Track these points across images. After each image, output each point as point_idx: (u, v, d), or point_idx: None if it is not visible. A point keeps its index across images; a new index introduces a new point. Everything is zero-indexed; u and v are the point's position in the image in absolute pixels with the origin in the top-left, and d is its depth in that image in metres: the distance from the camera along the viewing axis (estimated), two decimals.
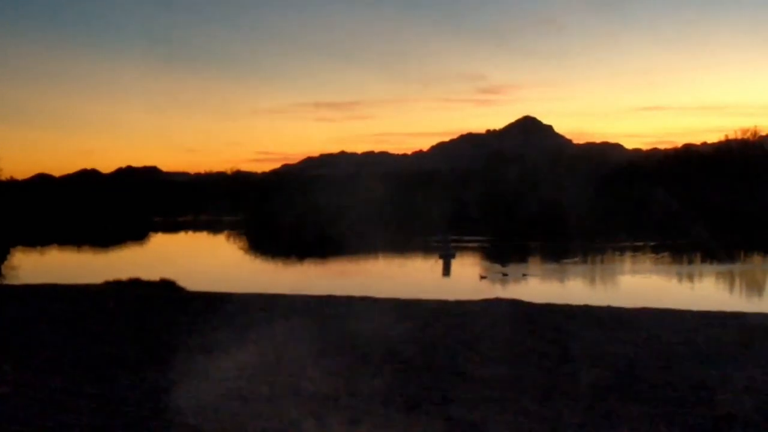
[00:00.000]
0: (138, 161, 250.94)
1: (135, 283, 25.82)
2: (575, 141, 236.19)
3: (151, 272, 28.21)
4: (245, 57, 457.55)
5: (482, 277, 35.07)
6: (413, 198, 69.73)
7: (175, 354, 13.34)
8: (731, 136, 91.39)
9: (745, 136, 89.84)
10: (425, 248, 50.22)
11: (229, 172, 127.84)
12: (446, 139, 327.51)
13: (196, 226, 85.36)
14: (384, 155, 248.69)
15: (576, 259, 45.16)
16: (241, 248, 58.55)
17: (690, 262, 44.64)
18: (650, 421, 9.49)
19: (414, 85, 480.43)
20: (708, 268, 40.77)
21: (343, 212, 58.11)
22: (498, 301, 21.86)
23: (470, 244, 53.61)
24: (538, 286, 32.62)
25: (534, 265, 43.80)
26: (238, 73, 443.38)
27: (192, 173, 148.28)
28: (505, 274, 35.97)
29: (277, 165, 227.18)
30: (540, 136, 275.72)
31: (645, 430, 9.15)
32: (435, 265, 41.51)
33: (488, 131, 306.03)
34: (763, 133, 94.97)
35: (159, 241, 69.03)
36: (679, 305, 21.59)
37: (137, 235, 71.12)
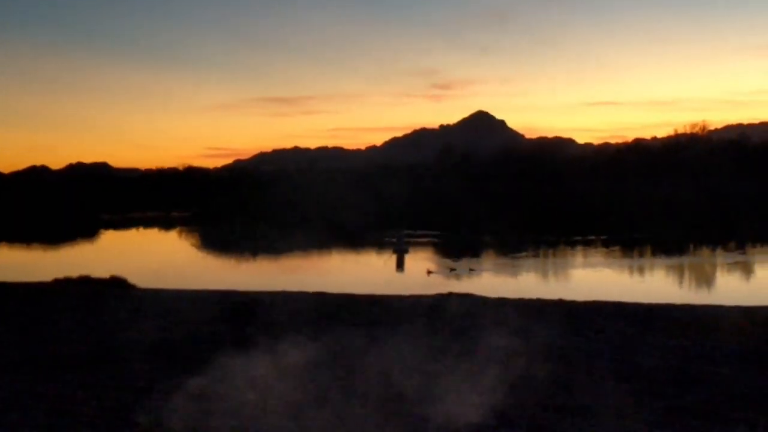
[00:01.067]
0: (88, 157, 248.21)
1: (85, 281, 25.52)
2: (528, 136, 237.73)
3: (101, 270, 27.91)
4: (197, 52, 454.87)
5: (429, 272, 35.17)
6: (367, 193, 69.73)
7: (127, 352, 13.22)
8: (680, 131, 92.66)
9: (694, 131, 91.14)
10: (379, 243, 50.20)
11: (180, 167, 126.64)
12: (400, 134, 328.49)
13: (147, 223, 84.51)
14: (337, 150, 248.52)
15: (527, 254, 45.42)
16: (192, 244, 58.13)
17: (640, 255, 45.10)
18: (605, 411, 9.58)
19: (367, 81, 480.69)
20: (656, 261, 41.22)
21: (296, 208, 57.99)
22: (451, 296, 21.93)
23: (424, 239, 53.70)
24: (486, 281, 32.80)
25: (487, 259, 43.98)
26: (190, 68, 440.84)
27: (143, 169, 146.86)
28: (453, 269, 36.12)
29: (229, 160, 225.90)
30: (493, 131, 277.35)
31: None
32: (388, 260, 41.53)
33: (441, 126, 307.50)
34: (711, 128, 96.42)
35: (110, 237, 68.27)
36: (628, 298, 21.85)
37: (87, 232, 70.29)
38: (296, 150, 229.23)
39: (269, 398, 10.05)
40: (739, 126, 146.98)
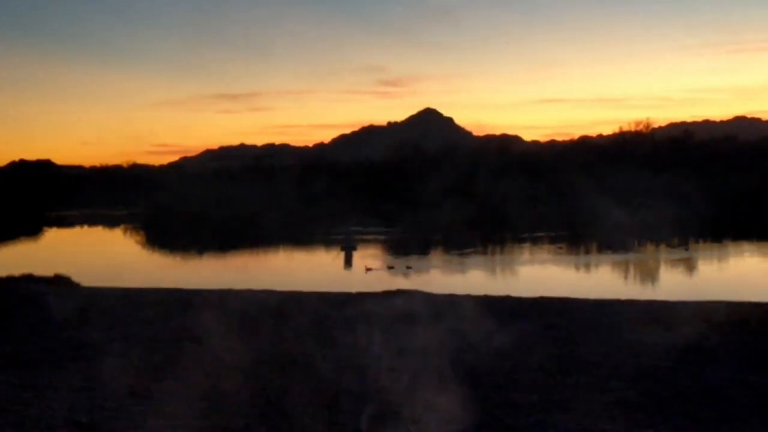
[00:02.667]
0: (31, 154, 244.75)
1: (28, 279, 25.11)
2: (475, 133, 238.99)
3: (45, 268, 27.49)
4: (142, 48, 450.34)
5: (368, 269, 35.27)
6: (315, 190, 69.52)
7: (70, 352, 13.04)
8: (625, 128, 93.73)
9: (639, 128, 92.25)
10: (327, 241, 50.12)
11: (125, 165, 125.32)
12: (348, 131, 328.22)
13: (92, 220, 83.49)
14: (285, 147, 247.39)
15: (474, 250, 45.65)
16: (138, 242, 57.55)
17: (586, 252, 45.56)
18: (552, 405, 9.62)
19: (315, 77, 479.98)
20: (602, 258, 41.66)
21: (243, 205, 57.66)
22: (401, 293, 21.93)
23: (373, 236, 53.71)
24: (434, 278, 32.96)
25: (434, 256, 44.15)
26: (135, 64, 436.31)
27: (88, 166, 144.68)
28: (391, 267, 36.26)
29: (175, 158, 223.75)
30: (440, 128, 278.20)
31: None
32: (336, 257, 41.49)
33: (389, 123, 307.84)
34: (656, 126, 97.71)
35: (54, 235, 67.33)
36: (575, 294, 22.02)
37: (31, 230, 69.24)
38: (243, 147, 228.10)
39: (204, 395, 9.98)
40: (683, 124, 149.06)
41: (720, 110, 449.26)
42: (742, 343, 13.98)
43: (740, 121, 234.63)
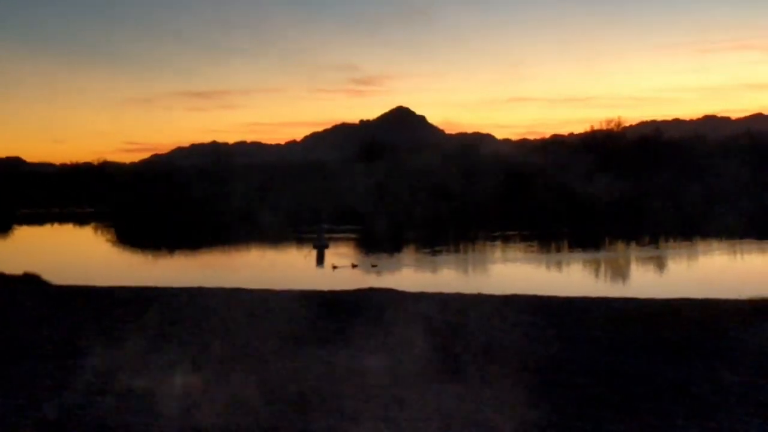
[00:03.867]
0: (1, 152, 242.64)
1: None
2: (447, 131, 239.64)
3: (14, 266, 27.28)
4: (113, 46, 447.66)
5: (335, 267, 35.35)
6: (287, 188, 69.35)
7: (39, 349, 12.97)
8: (596, 127, 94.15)
9: (610, 127, 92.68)
10: (299, 239, 50.02)
11: (96, 162, 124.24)
12: (320, 129, 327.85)
13: (62, 218, 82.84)
14: (256, 145, 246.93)
15: (446, 249, 45.76)
16: (109, 240, 57.17)
17: (557, 250, 45.76)
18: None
19: (286, 75, 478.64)
20: (573, 256, 41.86)
21: (214, 203, 57.49)
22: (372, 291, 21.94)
23: (344, 235, 53.67)
24: (406, 276, 33.04)
25: (407, 254, 44.19)
26: (106, 62, 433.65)
27: (58, 164, 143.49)
28: (354, 265, 36.28)
29: (146, 155, 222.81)
30: (413, 126, 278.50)
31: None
32: (308, 255, 41.42)
33: (362, 122, 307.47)
34: (626, 124, 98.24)
35: (24, 234, 66.75)
36: (547, 292, 22.12)
37: (1, 227, 68.64)
38: (214, 145, 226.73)
39: (171, 391, 9.97)
40: (653, 122, 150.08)
41: (690, 109, 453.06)
42: (707, 340, 14.11)
43: (710, 120, 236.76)
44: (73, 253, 48.57)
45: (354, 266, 35.98)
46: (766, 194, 64.04)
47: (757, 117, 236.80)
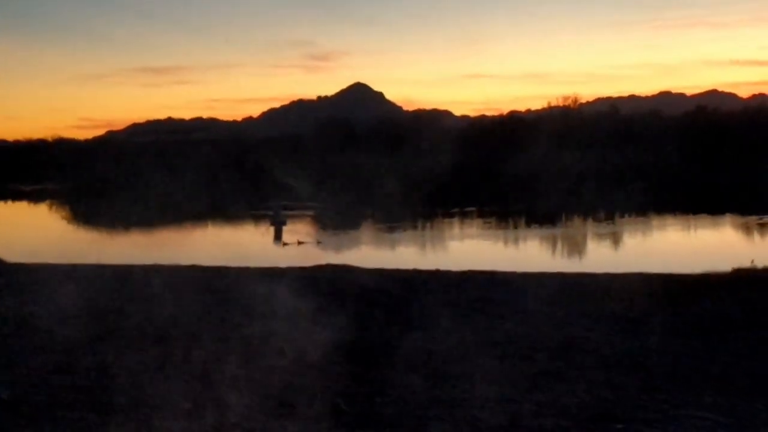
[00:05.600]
0: None
1: None
2: (405, 108, 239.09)
3: None
4: (67, 20, 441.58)
5: (285, 244, 35.44)
6: (245, 165, 68.98)
7: None
8: (553, 104, 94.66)
9: (566, 104, 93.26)
10: (257, 216, 49.81)
11: (50, 139, 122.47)
12: (277, 105, 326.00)
13: (16, 196, 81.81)
14: (213, 122, 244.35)
15: (403, 225, 45.82)
16: (63, 218, 56.58)
17: (514, 226, 46.01)
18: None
19: (243, 51, 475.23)
20: (530, 232, 42.14)
21: (172, 180, 57.01)
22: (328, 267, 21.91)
23: (303, 212, 53.51)
24: (363, 252, 33.09)
25: (365, 231, 44.24)
26: (60, 36, 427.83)
27: (11, 141, 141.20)
28: (300, 242, 36.26)
29: (101, 132, 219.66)
30: (371, 103, 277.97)
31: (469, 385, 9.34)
32: (266, 232, 41.30)
33: (319, 98, 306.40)
34: (583, 101, 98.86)
35: None
36: (504, 267, 22.22)
37: None
38: (170, 121, 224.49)
39: (128, 368, 9.89)
40: (609, 99, 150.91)
41: (645, 86, 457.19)
42: (663, 314, 14.26)
43: (665, 97, 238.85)
44: (28, 231, 47.99)
45: (300, 243, 35.91)
46: (721, 170, 64.76)
47: (712, 93, 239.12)
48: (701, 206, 49.34)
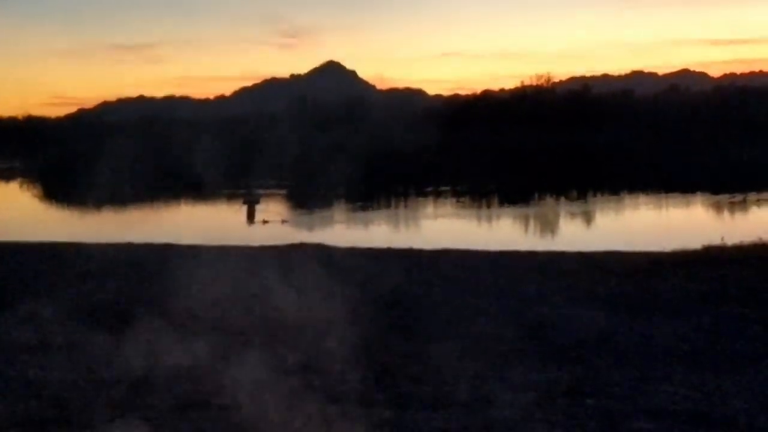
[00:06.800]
0: None
1: None
2: (378, 86, 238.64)
3: None
4: None
5: (250, 224, 35.56)
6: (217, 144, 68.51)
7: None
8: (527, 83, 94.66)
9: (539, 83, 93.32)
10: (229, 195, 49.62)
11: (20, 117, 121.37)
12: (249, 83, 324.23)
13: None
14: (185, 100, 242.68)
15: (376, 204, 45.83)
16: (33, 196, 56.15)
17: (487, 205, 46.10)
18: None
19: (214, 28, 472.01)
20: (503, 211, 42.27)
21: (143, 159, 56.58)
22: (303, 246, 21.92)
23: (275, 191, 53.37)
24: (337, 232, 33.11)
25: (339, 210, 44.21)
26: (30, 13, 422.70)
27: None
28: (265, 221, 36.20)
29: (72, 110, 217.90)
30: (344, 81, 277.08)
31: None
32: (239, 211, 41.18)
33: (292, 76, 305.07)
34: (556, 80, 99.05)
35: None
36: (478, 246, 22.30)
37: None
38: (142, 99, 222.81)
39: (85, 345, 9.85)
40: (582, 78, 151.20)
41: (618, 65, 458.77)
42: (634, 291, 14.38)
43: (637, 76, 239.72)
44: None
45: (265, 222, 35.85)
46: (692, 150, 65.12)
47: (684, 73, 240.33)
48: (673, 185, 49.58)
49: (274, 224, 34.81)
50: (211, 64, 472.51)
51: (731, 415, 7.68)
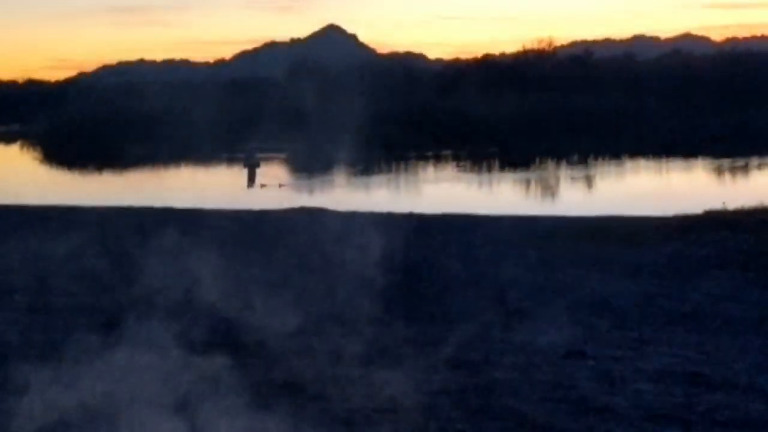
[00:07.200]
0: None
1: None
2: (379, 51, 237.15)
3: None
4: None
5: (251, 187, 35.61)
6: (217, 108, 68.34)
7: None
8: (528, 47, 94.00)
9: (541, 47, 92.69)
10: (230, 159, 49.57)
11: (20, 80, 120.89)
12: (249, 47, 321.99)
13: None
14: (185, 64, 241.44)
15: (377, 169, 45.74)
16: (34, 159, 56.10)
17: (489, 170, 46.05)
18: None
19: None
20: (505, 175, 42.25)
21: (143, 123, 56.50)
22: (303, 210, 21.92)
23: (275, 155, 53.29)
24: (338, 196, 33.13)
25: (339, 174, 44.12)
26: None
27: None
28: (263, 185, 36.25)
29: (72, 73, 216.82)
30: (344, 45, 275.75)
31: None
32: (239, 174, 41.16)
33: (293, 40, 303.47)
34: (558, 44, 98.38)
35: None
36: (478, 210, 22.31)
37: None
38: (142, 63, 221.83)
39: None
40: (584, 42, 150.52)
41: (620, 29, 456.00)
42: (635, 255, 14.40)
43: (639, 40, 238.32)
44: None
45: (263, 186, 35.88)
46: (694, 115, 64.90)
47: (686, 38, 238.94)
48: (675, 150, 49.47)
49: (272, 188, 34.77)
50: (211, 27, 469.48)
51: (731, 376, 7.72)
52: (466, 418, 6.85)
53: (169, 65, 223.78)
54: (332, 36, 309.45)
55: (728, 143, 50.80)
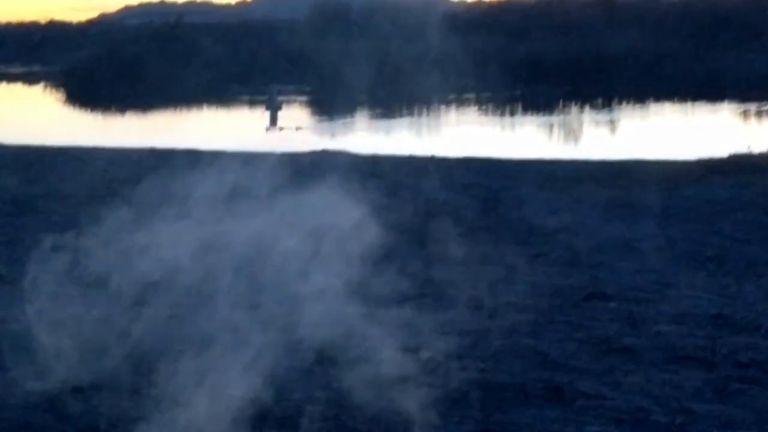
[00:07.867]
0: None
1: None
2: None
3: None
4: None
5: (269, 129, 35.71)
6: (239, 50, 68.03)
7: None
8: None
9: None
10: (251, 101, 49.48)
11: (42, 21, 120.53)
12: None
13: (8, 78, 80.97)
14: (206, 5, 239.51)
15: (398, 112, 45.51)
16: (57, 100, 56.18)
17: (511, 113, 45.74)
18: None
19: None
20: (526, 119, 41.98)
21: (165, 65, 56.44)
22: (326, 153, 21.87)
23: (298, 97, 53.16)
24: (360, 139, 33.05)
25: (361, 117, 44.00)
26: None
27: (3, 23, 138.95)
28: (281, 128, 36.24)
29: (94, 14, 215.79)
30: None
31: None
32: (261, 117, 41.07)
33: None
34: None
35: None
36: (499, 154, 22.21)
37: None
38: (163, 4, 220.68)
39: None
40: None
41: None
42: (658, 199, 14.32)
43: None
44: (21, 113, 47.74)
45: (281, 129, 35.86)
46: (720, 56, 64.07)
47: None
48: (700, 93, 48.87)
49: (291, 131, 34.71)
50: None
51: (753, 318, 7.72)
52: (488, 357, 6.90)
53: (191, 6, 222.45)
54: None
55: (756, 86, 50.12)
